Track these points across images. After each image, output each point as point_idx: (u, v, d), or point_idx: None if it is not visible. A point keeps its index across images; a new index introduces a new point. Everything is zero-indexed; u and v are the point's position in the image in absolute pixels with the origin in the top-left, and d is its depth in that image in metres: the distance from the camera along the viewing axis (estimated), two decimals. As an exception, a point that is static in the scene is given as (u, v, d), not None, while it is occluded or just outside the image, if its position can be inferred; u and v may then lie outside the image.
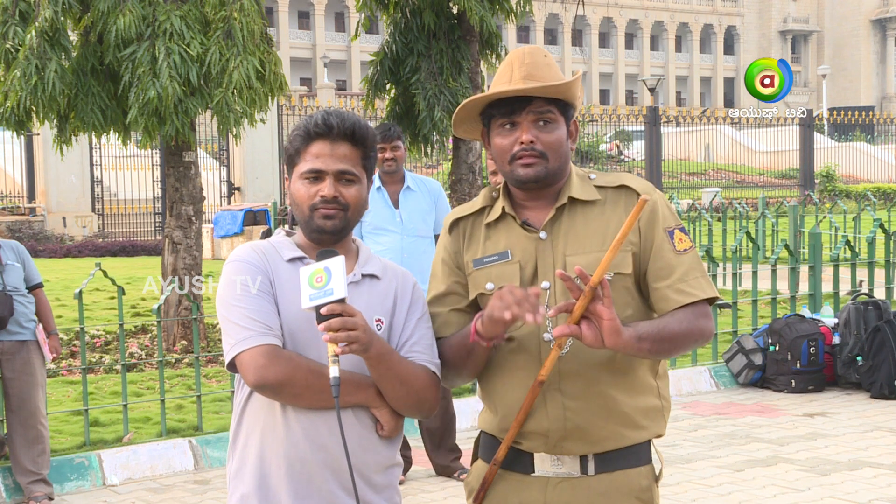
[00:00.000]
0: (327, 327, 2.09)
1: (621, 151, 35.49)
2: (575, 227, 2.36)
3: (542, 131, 2.35)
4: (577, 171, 2.43)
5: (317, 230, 2.30)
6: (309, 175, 2.30)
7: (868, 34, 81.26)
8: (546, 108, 2.35)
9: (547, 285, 2.34)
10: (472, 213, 2.48)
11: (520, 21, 10.77)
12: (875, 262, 9.78)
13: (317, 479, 2.23)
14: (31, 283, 5.83)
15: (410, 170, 7.10)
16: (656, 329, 2.24)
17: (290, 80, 53.20)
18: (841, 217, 18.17)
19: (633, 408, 2.34)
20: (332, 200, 2.28)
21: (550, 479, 2.36)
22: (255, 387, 2.21)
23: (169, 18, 7.94)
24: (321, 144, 2.30)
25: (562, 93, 2.36)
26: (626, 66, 77.64)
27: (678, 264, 2.32)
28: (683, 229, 2.37)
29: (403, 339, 2.33)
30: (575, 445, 2.33)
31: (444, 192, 6.17)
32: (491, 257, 2.41)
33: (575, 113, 2.43)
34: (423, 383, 2.29)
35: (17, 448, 5.68)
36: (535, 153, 2.34)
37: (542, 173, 2.35)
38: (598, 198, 2.38)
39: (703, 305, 2.32)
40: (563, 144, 2.37)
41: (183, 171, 9.04)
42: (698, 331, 2.30)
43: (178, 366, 8.51)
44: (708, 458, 6.28)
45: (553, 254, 2.35)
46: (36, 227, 20.37)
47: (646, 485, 2.38)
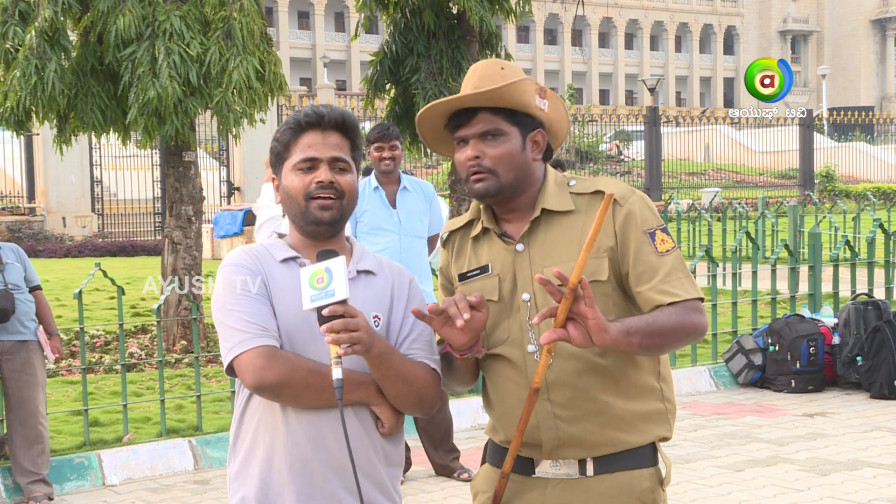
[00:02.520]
0: (329, 328, 2.09)
1: (621, 151, 35.48)
2: (551, 238, 2.34)
3: (488, 145, 2.32)
4: (555, 179, 2.40)
5: (314, 222, 2.28)
6: (303, 165, 2.29)
7: (868, 34, 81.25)
8: (493, 120, 2.32)
9: (527, 297, 2.33)
10: (461, 226, 2.49)
11: (519, 21, 10.77)
12: (875, 262, 9.78)
13: (319, 479, 2.23)
14: (30, 284, 5.84)
15: (411, 170, 7.11)
16: (645, 323, 2.20)
17: (290, 80, 53.20)
18: (841, 217, 18.17)
19: (630, 412, 2.32)
20: (329, 186, 2.27)
21: (550, 480, 2.36)
22: (254, 389, 2.21)
23: (169, 18, 7.94)
24: (312, 135, 2.30)
25: (495, 98, 2.30)
26: (626, 67, 77.63)
27: (661, 266, 2.28)
28: (665, 230, 2.33)
29: (402, 335, 2.33)
30: (572, 451, 2.33)
31: (438, 195, 6.19)
32: (473, 272, 2.41)
33: (538, 124, 2.36)
34: (423, 381, 2.29)
35: (17, 448, 5.67)
36: (482, 169, 2.31)
37: (493, 188, 2.32)
38: (572, 207, 2.35)
39: (693, 301, 2.28)
40: (513, 157, 2.32)
41: (183, 171, 9.04)
42: (690, 324, 2.26)
43: (177, 366, 8.51)
44: (708, 458, 6.28)
45: (531, 265, 2.34)
46: (36, 228, 20.36)
47: (647, 486, 2.34)
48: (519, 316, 2.35)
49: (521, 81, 2.31)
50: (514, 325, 2.35)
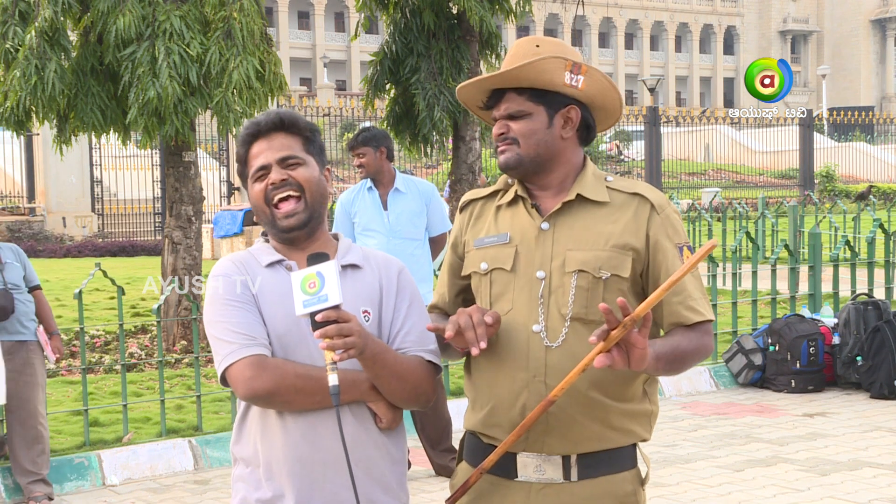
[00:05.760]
0: (323, 334, 2.09)
1: (621, 151, 35.50)
2: (580, 224, 2.34)
3: (513, 123, 2.35)
4: (593, 171, 2.41)
5: (283, 230, 2.31)
6: (256, 175, 2.33)
7: (868, 34, 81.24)
8: (517, 100, 2.35)
9: (542, 275, 2.33)
10: (485, 195, 2.50)
11: (519, 21, 10.78)
12: (875, 262, 9.78)
13: (318, 479, 2.23)
14: (29, 284, 5.84)
15: (411, 170, 7.13)
16: (671, 348, 2.25)
17: (290, 80, 53.20)
18: (841, 217, 18.17)
19: (618, 410, 2.32)
20: (282, 184, 2.30)
21: (533, 485, 2.34)
22: (246, 399, 2.23)
23: (169, 18, 7.94)
24: (258, 144, 2.34)
25: (512, 79, 2.32)
26: (626, 66, 77.62)
27: (688, 281, 2.32)
28: (691, 248, 2.37)
29: (395, 329, 2.32)
30: (557, 443, 2.31)
31: (438, 194, 6.20)
32: (491, 238, 2.41)
33: (571, 100, 2.35)
34: (418, 376, 2.29)
35: (17, 448, 5.67)
36: (508, 139, 2.36)
37: (513, 160, 2.35)
38: (607, 200, 2.36)
39: (708, 324, 2.35)
40: (536, 133, 2.34)
41: (183, 171, 9.04)
42: (703, 348, 2.33)
43: (177, 366, 8.51)
44: (708, 458, 6.28)
45: (553, 245, 2.34)
46: (36, 227, 20.35)
47: (630, 490, 2.36)
48: (529, 291, 2.34)
49: (543, 60, 2.30)
50: (521, 298, 2.34)
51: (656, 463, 6.08)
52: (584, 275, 2.30)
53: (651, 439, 2.44)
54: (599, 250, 2.30)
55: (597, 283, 2.30)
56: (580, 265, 2.30)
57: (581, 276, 2.30)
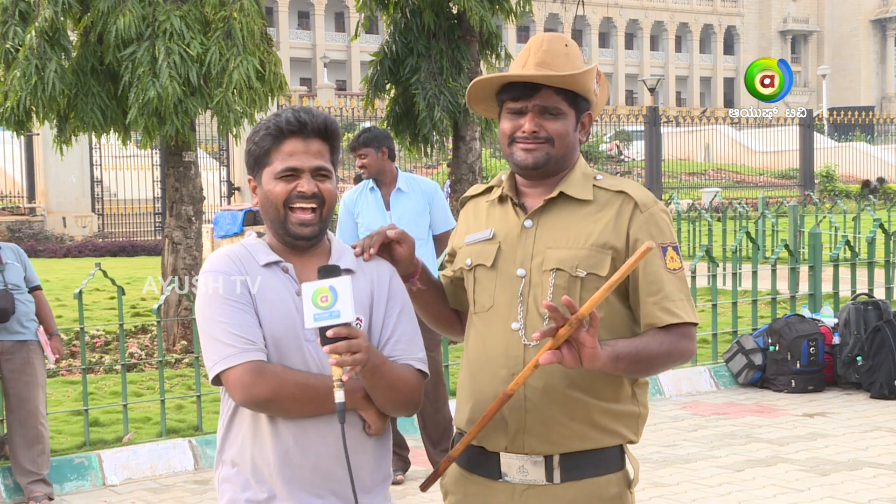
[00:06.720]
0: (333, 350, 2.07)
1: (621, 151, 35.49)
2: (561, 222, 2.35)
3: (546, 120, 2.34)
4: (583, 170, 2.42)
5: (294, 236, 2.26)
6: (283, 173, 2.25)
7: (868, 34, 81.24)
8: (554, 98, 2.34)
9: (522, 273, 2.34)
10: (480, 192, 2.53)
11: (519, 21, 10.79)
12: (875, 262, 9.78)
13: (307, 482, 2.22)
14: (30, 284, 5.84)
15: (411, 170, 7.12)
16: (634, 350, 2.22)
17: (290, 80, 53.20)
18: (841, 217, 18.17)
19: (602, 410, 2.31)
20: (311, 197, 2.24)
21: (517, 487, 2.33)
22: (243, 404, 2.21)
23: (169, 18, 7.94)
24: (294, 142, 2.25)
25: (569, 83, 2.33)
26: (626, 67, 77.63)
27: (667, 282, 2.29)
28: (677, 248, 2.35)
29: (385, 336, 2.30)
30: (538, 443, 2.30)
31: (441, 192, 6.19)
32: (477, 234, 2.44)
33: (589, 106, 2.40)
34: (410, 386, 2.27)
35: (17, 448, 5.67)
36: (540, 139, 2.34)
37: (543, 160, 2.35)
38: (590, 198, 2.35)
39: (687, 327, 2.29)
40: (568, 134, 2.36)
41: (183, 171, 9.04)
42: (678, 352, 2.28)
43: (177, 366, 8.51)
44: (708, 458, 6.28)
45: (534, 243, 2.35)
46: (36, 227, 20.35)
47: (615, 492, 2.33)
48: (509, 288, 2.35)
49: (593, 69, 2.37)
50: (502, 295, 2.36)
51: (656, 463, 6.08)
52: (562, 273, 2.30)
53: (651, 439, 2.44)
54: (578, 249, 2.30)
55: (574, 281, 2.30)
56: (558, 263, 2.30)
57: (559, 275, 2.30)
